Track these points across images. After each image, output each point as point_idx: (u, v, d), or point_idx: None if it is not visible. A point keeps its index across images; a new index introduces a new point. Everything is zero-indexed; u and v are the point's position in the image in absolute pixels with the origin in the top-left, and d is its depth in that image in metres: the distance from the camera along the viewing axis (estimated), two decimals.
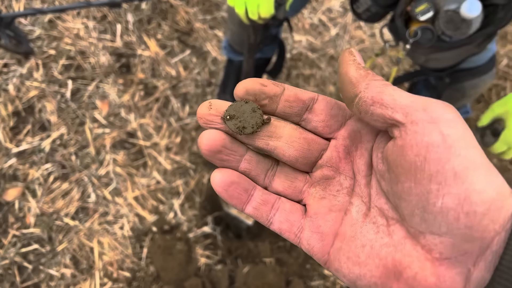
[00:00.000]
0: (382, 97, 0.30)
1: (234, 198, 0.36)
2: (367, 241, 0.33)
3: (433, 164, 0.27)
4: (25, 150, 1.44)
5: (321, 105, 0.38)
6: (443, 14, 0.82)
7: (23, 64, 1.57)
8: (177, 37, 1.72)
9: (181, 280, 1.28)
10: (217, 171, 0.36)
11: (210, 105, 0.37)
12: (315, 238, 0.36)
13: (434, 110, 0.29)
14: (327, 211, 0.37)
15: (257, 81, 0.37)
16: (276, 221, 0.37)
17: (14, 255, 1.30)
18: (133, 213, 1.39)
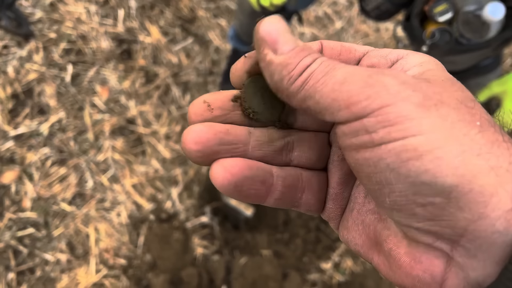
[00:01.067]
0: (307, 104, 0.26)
1: (251, 197, 0.29)
2: (355, 205, 0.31)
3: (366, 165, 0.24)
4: (23, 134, 1.43)
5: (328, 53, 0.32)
6: (463, 15, 0.79)
7: (23, 46, 1.55)
8: (179, 24, 1.70)
9: (177, 269, 1.27)
10: (218, 164, 0.28)
11: (208, 104, 0.29)
12: (337, 211, 0.32)
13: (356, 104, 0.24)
14: (351, 178, 0.32)
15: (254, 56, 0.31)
16: (303, 204, 0.32)
17: (9, 238, 1.29)
18: (131, 200, 1.38)
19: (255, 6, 0.95)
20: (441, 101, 0.23)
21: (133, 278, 1.27)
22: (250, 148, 0.30)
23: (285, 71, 0.26)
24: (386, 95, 0.23)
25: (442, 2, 0.80)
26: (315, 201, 0.32)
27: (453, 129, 0.22)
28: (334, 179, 0.32)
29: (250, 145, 0.30)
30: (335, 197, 0.32)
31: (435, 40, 0.83)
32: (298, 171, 0.31)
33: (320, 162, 0.33)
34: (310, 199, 0.32)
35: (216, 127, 0.28)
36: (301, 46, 0.27)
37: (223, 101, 0.30)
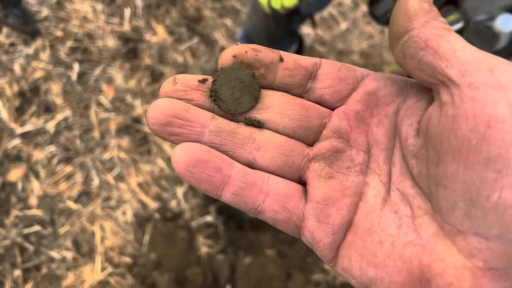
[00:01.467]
0: (439, 43, 0.23)
1: (204, 182, 0.28)
2: (386, 237, 0.26)
3: (494, 145, 0.20)
4: (29, 131, 1.44)
5: (326, 69, 0.31)
6: (474, 25, 0.80)
7: (29, 44, 1.56)
8: (185, 24, 1.70)
9: (182, 268, 1.28)
10: (178, 147, 0.28)
11: (175, 80, 0.29)
12: (323, 230, 0.28)
13: (503, 72, 0.21)
14: (340, 196, 0.29)
15: (249, 47, 0.30)
16: (267, 209, 0.29)
17: (16, 235, 1.30)
18: (136, 199, 1.39)
19: (266, 8, 0.96)
20: None
21: (138, 276, 1.28)
22: (207, 131, 0.29)
23: (434, 9, 0.25)
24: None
25: (453, 11, 0.80)
26: (280, 209, 0.29)
27: None
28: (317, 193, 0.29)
29: (208, 128, 0.29)
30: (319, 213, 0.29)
31: None
32: (265, 174, 0.29)
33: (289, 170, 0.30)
34: (275, 204, 0.29)
35: (177, 102, 0.28)
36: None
37: (188, 79, 0.30)
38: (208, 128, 0.29)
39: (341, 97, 0.31)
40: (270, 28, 1.06)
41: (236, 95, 0.30)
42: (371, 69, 0.33)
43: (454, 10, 0.81)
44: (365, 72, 0.31)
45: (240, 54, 0.30)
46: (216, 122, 0.29)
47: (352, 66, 0.31)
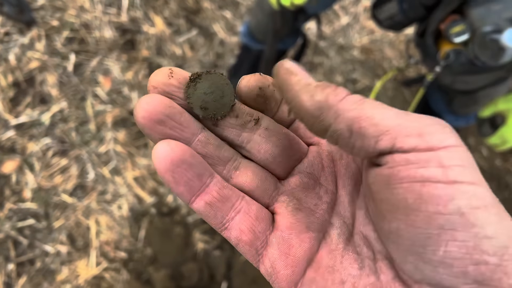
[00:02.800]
0: (361, 124, 0.23)
1: (182, 185, 0.27)
2: (348, 277, 0.26)
3: (432, 203, 0.21)
4: (24, 123, 1.41)
5: None
6: (480, 38, 0.78)
7: (25, 33, 1.53)
8: (184, 15, 1.68)
9: (178, 264, 1.27)
10: (163, 142, 0.26)
11: (171, 73, 0.28)
12: (283, 261, 0.28)
13: (431, 135, 0.22)
14: (305, 229, 0.29)
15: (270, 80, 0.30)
16: (234, 227, 0.28)
17: (9, 229, 1.28)
18: (132, 193, 1.37)
19: (275, 5, 0.94)
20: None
21: (134, 271, 1.27)
22: (195, 140, 0.28)
23: (329, 89, 0.24)
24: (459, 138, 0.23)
25: (459, 22, 0.78)
26: (247, 229, 0.29)
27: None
28: (283, 222, 0.29)
29: (197, 138, 0.29)
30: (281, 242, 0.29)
31: (449, 61, 0.81)
32: (240, 192, 0.29)
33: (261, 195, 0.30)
34: (243, 224, 0.28)
35: (173, 103, 0.27)
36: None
37: (185, 77, 0.29)
38: (197, 137, 0.28)
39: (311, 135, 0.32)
40: (276, 25, 1.04)
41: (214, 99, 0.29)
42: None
43: (460, 20, 0.79)
44: None
45: (264, 87, 0.30)
46: (206, 133, 0.29)
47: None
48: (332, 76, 1.66)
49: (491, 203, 0.21)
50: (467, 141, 1.62)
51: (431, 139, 0.22)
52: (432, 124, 0.22)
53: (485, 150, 1.61)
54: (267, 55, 1.14)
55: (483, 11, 0.77)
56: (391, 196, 0.23)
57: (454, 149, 0.22)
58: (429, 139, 0.22)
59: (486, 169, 1.60)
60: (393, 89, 1.63)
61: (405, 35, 1.73)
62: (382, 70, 1.68)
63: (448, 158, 0.21)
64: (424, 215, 0.21)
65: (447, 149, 0.22)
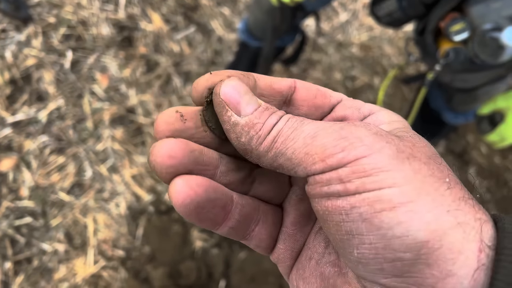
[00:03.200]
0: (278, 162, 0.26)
1: (207, 221, 0.27)
2: (314, 254, 0.30)
3: (336, 214, 0.24)
4: (21, 121, 1.40)
5: (301, 95, 0.31)
6: (480, 36, 0.77)
7: (21, 30, 1.51)
8: (182, 12, 1.67)
9: (176, 262, 1.27)
10: (182, 180, 0.25)
11: (182, 115, 0.28)
12: (288, 255, 0.31)
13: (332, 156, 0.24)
14: (307, 222, 0.31)
15: (223, 75, 0.29)
16: (254, 238, 0.30)
17: (6, 227, 1.28)
18: (130, 191, 1.37)
19: (275, 2, 0.93)
20: (412, 155, 0.24)
21: (132, 270, 1.27)
22: (218, 173, 0.29)
23: (252, 132, 0.26)
24: (361, 146, 0.24)
25: (459, 20, 0.77)
26: (266, 237, 0.31)
27: (425, 184, 0.23)
28: (289, 218, 0.32)
29: (219, 170, 0.29)
30: (287, 238, 0.31)
31: (449, 60, 0.80)
32: (257, 202, 0.31)
33: (277, 198, 0.33)
34: (263, 233, 0.30)
35: (191, 145, 0.27)
36: (264, 106, 0.27)
37: (196, 113, 0.28)
38: (219, 169, 0.29)
39: None
40: (275, 22, 1.03)
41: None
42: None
43: (460, 18, 0.78)
44: (339, 98, 0.32)
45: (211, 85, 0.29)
46: (224, 162, 0.29)
47: (327, 92, 0.32)
48: (331, 73, 1.65)
49: (404, 200, 0.22)
50: (466, 138, 1.62)
51: (332, 161, 0.24)
52: (336, 143, 0.24)
53: (484, 148, 1.61)
54: (266, 52, 1.13)
55: (482, 9, 0.77)
56: (313, 208, 0.26)
57: (356, 162, 0.23)
58: (330, 162, 0.24)
59: (485, 167, 1.59)
60: (392, 86, 1.62)
61: (404, 32, 1.72)
62: (381, 67, 1.68)
63: (347, 174, 0.23)
64: (333, 224, 0.24)
65: (347, 165, 0.23)
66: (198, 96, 0.29)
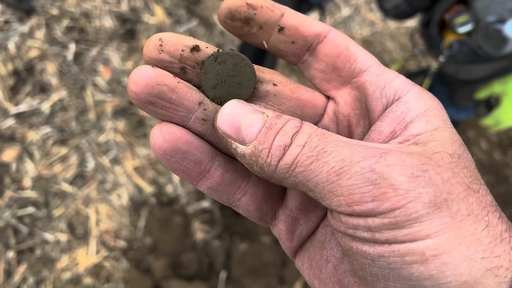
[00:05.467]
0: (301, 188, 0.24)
1: (180, 172, 0.27)
2: (332, 258, 0.28)
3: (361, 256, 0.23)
4: (24, 112, 1.41)
5: (326, 49, 0.28)
6: (484, 28, 0.79)
7: (25, 22, 1.52)
8: (184, 5, 1.67)
9: (177, 253, 1.28)
10: (156, 129, 0.26)
11: (161, 44, 0.26)
12: (289, 236, 0.30)
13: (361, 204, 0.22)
14: (313, 208, 0.29)
15: (243, 1, 0.27)
16: (241, 207, 0.29)
17: (10, 216, 1.29)
18: (132, 183, 1.37)
19: None
20: (450, 193, 0.22)
21: (133, 260, 1.28)
22: (192, 117, 0.27)
23: (261, 160, 0.24)
24: (395, 196, 0.21)
25: (463, 13, 0.79)
26: (254, 209, 0.29)
27: (462, 229, 0.21)
28: (293, 201, 0.30)
29: (194, 115, 0.27)
30: (289, 220, 0.30)
31: (453, 51, 0.82)
32: (247, 171, 0.29)
33: None
34: (250, 205, 0.29)
35: (164, 77, 0.26)
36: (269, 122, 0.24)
37: (177, 46, 0.26)
38: (194, 114, 0.27)
39: (329, 87, 0.29)
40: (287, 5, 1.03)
41: (229, 84, 0.28)
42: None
43: (465, 11, 0.79)
44: (364, 66, 0.28)
45: (233, 9, 0.27)
46: (203, 110, 0.27)
47: (354, 55, 0.28)
48: None
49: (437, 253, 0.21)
50: (466, 134, 1.62)
51: (360, 209, 0.22)
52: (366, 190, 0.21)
53: (484, 143, 1.62)
54: None
55: (487, 2, 0.78)
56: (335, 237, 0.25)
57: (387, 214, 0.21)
58: (358, 210, 0.22)
59: (485, 162, 1.60)
60: None
61: (406, 28, 1.73)
62: (382, 63, 1.68)
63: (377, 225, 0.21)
64: (357, 263, 0.23)
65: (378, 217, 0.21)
66: (220, 16, 0.28)
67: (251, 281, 1.26)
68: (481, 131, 1.63)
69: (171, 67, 0.27)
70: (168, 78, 0.26)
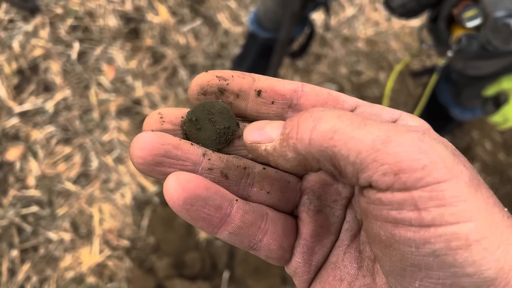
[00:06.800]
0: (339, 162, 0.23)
1: (201, 221, 0.26)
2: (346, 276, 0.27)
3: (404, 245, 0.21)
4: (28, 110, 1.41)
5: (311, 99, 0.29)
6: (492, 23, 0.78)
7: (29, 21, 1.52)
8: (188, 5, 1.67)
9: (180, 253, 1.28)
10: (173, 178, 0.25)
11: (161, 116, 0.28)
12: (306, 268, 0.29)
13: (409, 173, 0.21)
14: (326, 234, 0.29)
15: (214, 74, 0.28)
16: (263, 248, 0.28)
17: (14, 215, 1.29)
18: (135, 182, 1.38)
19: None
20: (478, 179, 0.22)
21: (137, 260, 1.28)
22: (199, 169, 0.27)
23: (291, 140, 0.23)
24: (444, 168, 0.20)
25: (471, 7, 0.78)
26: (277, 248, 0.28)
27: (494, 215, 0.21)
28: (307, 229, 0.29)
29: (201, 166, 0.27)
30: (305, 251, 0.29)
31: (461, 46, 0.81)
32: (264, 209, 0.29)
33: (286, 205, 0.30)
34: (272, 244, 0.28)
35: (166, 137, 0.26)
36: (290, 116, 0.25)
37: (177, 115, 0.29)
38: (200, 166, 0.27)
39: None
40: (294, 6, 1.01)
41: (211, 131, 0.29)
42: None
43: (473, 5, 0.78)
44: (353, 103, 0.29)
45: (204, 84, 0.28)
46: (208, 160, 0.28)
47: (340, 96, 0.29)
48: (337, 68, 1.65)
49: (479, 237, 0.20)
50: (471, 134, 1.62)
51: (408, 179, 0.20)
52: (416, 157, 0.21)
53: (489, 144, 1.61)
54: (282, 38, 1.12)
55: None
56: (368, 228, 0.23)
57: (435, 187, 0.20)
58: (405, 179, 0.20)
59: (490, 163, 1.60)
60: (397, 81, 1.62)
61: (411, 27, 1.72)
62: (386, 62, 1.68)
63: (424, 200, 0.20)
64: (397, 253, 0.21)
65: (425, 189, 0.20)
66: (192, 94, 0.29)
67: (254, 281, 1.26)
68: (486, 131, 1.62)
69: (175, 135, 0.28)
70: (170, 138, 0.27)
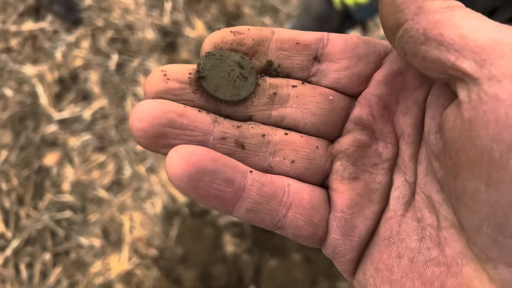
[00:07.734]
0: (442, 31, 0.18)
1: (212, 198, 0.22)
2: (405, 250, 0.22)
3: None
4: (67, 118, 1.46)
5: (338, 46, 0.25)
6: None
7: (72, 32, 1.58)
8: (225, 20, 1.70)
9: (207, 264, 1.28)
10: (174, 153, 0.22)
11: (165, 74, 0.24)
12: (348, 245, 0.24)
13: None
14: (367, 203, 0.24)
15: (228, 30, 0.25)
16: (290, 225, 0.24)
17: (48, 219, 1.33)
18: (166, 192, 1.40)
19: (338, 5, 0.94)
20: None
21: (164, 269, 1.29)
22: (211, 139, 0.23)
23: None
24: None
25: None
26: (305, 224, 0.24)
27: None
28: (342, 200, 0.24)
29: (212, 136, 0.23)
30: (343, 225, 0.24)
31: None
32: (284, 180, 0.24)
33: (313, 175, 0.25)
34: (299, 219, 0.24)
35: (169, 105, 0.23)
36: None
37: (183, 73, 0.25)
38: (212, 136, 0.23)
39: (361, 80, 0.25)
40: (333, 24, 1.02)
41: (229, 82, 0.25)
42: None
43: None
44: (388, 46, 0.25)
45: (218, 42, 0.25)
46: (220, 127, 0.24)
47: (372, 40, 0.26)
48: None
49: None
50: None
51: None
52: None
53: None
54: None
55: None
56: (471, 147, 0.17)
57: None
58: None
59: None
60: None
61: None
62: None
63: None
64: (511, 175, 0.16)
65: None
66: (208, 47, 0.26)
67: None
68: None
69: (182, 94, 0.24)
70: (173, 105, 0.23)
